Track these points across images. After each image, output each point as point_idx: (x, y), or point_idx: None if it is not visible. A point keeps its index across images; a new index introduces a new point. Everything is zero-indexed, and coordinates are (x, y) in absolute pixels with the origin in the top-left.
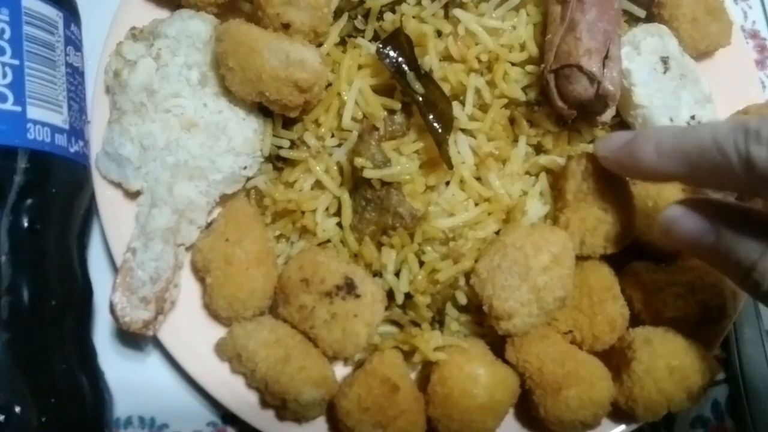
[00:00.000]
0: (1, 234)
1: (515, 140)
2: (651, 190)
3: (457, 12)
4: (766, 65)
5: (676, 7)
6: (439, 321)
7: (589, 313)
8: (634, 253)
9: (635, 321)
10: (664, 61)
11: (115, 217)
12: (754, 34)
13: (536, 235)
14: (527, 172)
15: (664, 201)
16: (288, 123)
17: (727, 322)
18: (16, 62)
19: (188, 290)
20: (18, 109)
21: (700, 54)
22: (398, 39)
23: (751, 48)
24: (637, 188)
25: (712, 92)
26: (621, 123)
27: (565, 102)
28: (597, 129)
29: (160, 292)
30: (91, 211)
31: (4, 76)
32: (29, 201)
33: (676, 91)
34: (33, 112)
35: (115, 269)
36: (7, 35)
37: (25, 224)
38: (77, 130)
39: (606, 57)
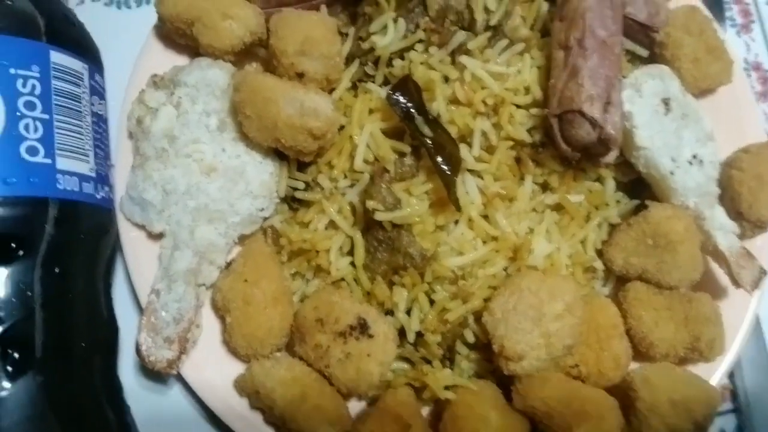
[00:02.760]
0: (34, 283)
1: (522, 178)
2: None
3: (463, 59)
4: (750, 29)
5: (677, 47)
6: (449, 358)
7: (596, 349)
8: None
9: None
10: (666, 102)
11: (139, 257)
12: (756, 67)
13: (551, 282)
14: (534, 209)
15: None
16: (302, 165)
17: (714, 357)
18: (45, 116)
19: (209, 327)
20: (48, 161)
21: (702, 92)
22: (407, 85)
23: (754, 80)
24: None
25: (713, 129)
26: (625, 161)
27: (568, 145)
28: (601, 168)
29: (183, 332)
30: (115, 250)
31: (35, 130)
32: (60, 249)
33: (678, 131)
34: (62, 163)
35: (139, 305)
36: (37, 91)
37: (56, 271)
38: (103, 176)
39: (608, 102)
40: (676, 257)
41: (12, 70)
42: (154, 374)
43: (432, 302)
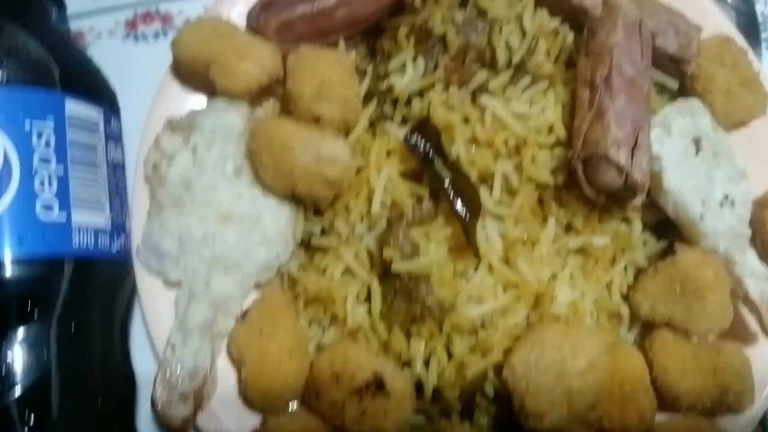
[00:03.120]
0: (50, 342)
1: (544, 220)
2: None
3: (484, 99)
4: None
5: (709, 80)
6: (468, 411)
7: (620, 402)
8: None
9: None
10: (696, 142)
11: (157, 304)
12: None
13: (574, 336)
14: (557, 253)
15: None
16: (319, 209)
17: (743, 410)
18: (61, 170)
19: (226, 375)
20: (64, 218)
21: (734, 125)
22: (426, 128)
23: None
24: None
25: (746, 165)
26: (653, 202)
27: (594, 189)
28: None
29: (198, 388)
30: (133, 298)
31: (50, 185)
32: (75, 306)
33: (709, 172)
34: (78, 218)
35: (156, 353)
36: (52, 143)
37: (72, 328)
38: (119, 226)
39: (635, 146)
40: (705, 305)
41: (27, 124)
42: None
43: (450, 354)
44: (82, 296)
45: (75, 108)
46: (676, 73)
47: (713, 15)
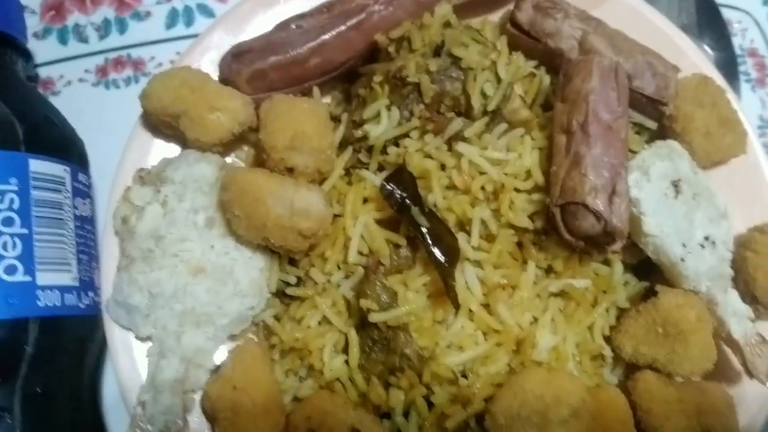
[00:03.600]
0: (14, 406)
1: (524, 262)
2: None
3: (460, 146)
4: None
5: (688, 121)
6: None
7: None
8: None
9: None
10: (675, 185)
11: (127, 359)
12: (752, 53)
13: (556, 383)
14: (537, 296)
15: None
16: (294, 258)
17: None
18: (24, 231)
19: (200, 430)
20: (28, 279)
21: (714, 164)
22: (401, 176)
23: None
24: None
25: (726, 205)
26: (633, 243)
27: (572, 235)
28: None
29: None
30: (103, 351)
31: (14, 247)
32: (41, 368)
33: (689, 214)
34: (43, 279)
35: (128, 408)
36: (15, 205)
37: (38, 391)
38: (87, 282)
39: (613, 193)
40: (688, 347)
41: None
42: None
43: (431, 405)
44: (49, 356)
45: (40, 167)
46: (654, 114)
47: (690, 53)
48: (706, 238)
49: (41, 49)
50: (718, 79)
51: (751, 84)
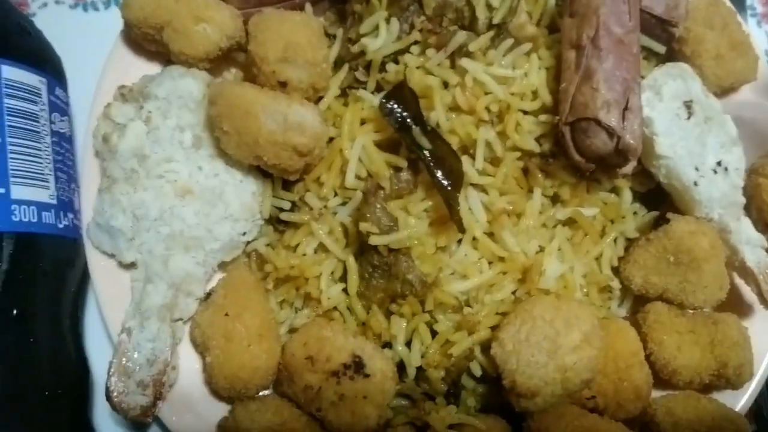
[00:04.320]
0: None
1: (530, 191)
2: None
3: (464, 62)
4: None
5: (698, 43)
6: (454, 393)
7: (614, 379)
8: None
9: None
10: (688, 106)
11: (111, 288)
12: None
13: (566, 309)
14: (544, 225)
15: None
16: (288, 182)
17: (743, 384)
18: None
19: (190, 364)
20: (1, 191)
21: (724, 90)
22: (402, 93)
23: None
24: None
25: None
26: (643, 170)
27: (582, 156)
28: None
29: (158, 375)
30: (84, 282)
31: None
32: (17, 288)
33: (701, 137)
34: (18, 192)
35: (111, 339)
36: None
37: (14, 313)
38: (66, 203)
39: (626, 108)
40: (701, 275)
41: None
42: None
43: (434, 333)
44: (25, 277)
45: (14, 74)
46: (663, 37)
47: None
48: (719, 164)
49: None
50: (728, 2)
51: (756, 19)
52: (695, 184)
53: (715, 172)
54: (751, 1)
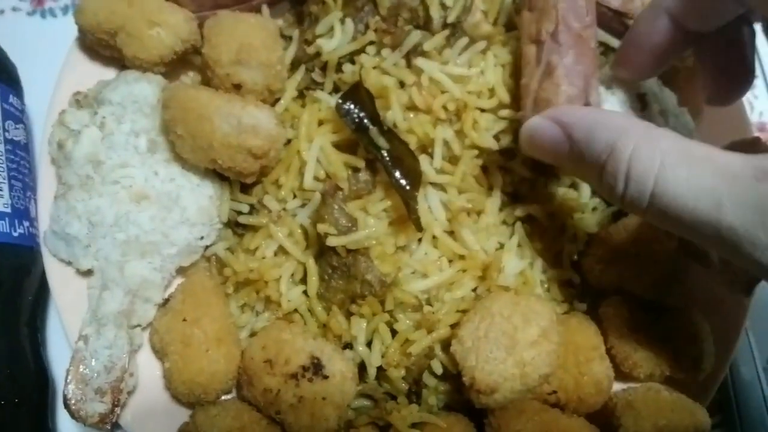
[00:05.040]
0: None
1: (490, 188)
2: None
3: (419, 61)
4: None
5: None
6: (416, 392)
7: (575, 373)
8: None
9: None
10: (641, 98)
11: (69, 296)
12: (762, 128)
13: (524, 305)
14: (503, 222)
15: None
16: (246, 185)
17: (703, 376)
18: None
19: (150, 370)
20: None
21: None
22: (358, 93)
23: None
24: None
25: (694, 125)
26: None
27: None
28: None
29: (116, 382)
30: (42, 290)
31: None
32: None
33: None
34: None
35: (71, 346)
36: None
37: None
38: (21, 211)
39: (586, 103)
40: (660, 268)
41: None
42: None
43: (394, 333)
44: None
45: None
46: (619, 31)
47: None
48: None
49: None
50: None
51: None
52: None
53: None
54: None
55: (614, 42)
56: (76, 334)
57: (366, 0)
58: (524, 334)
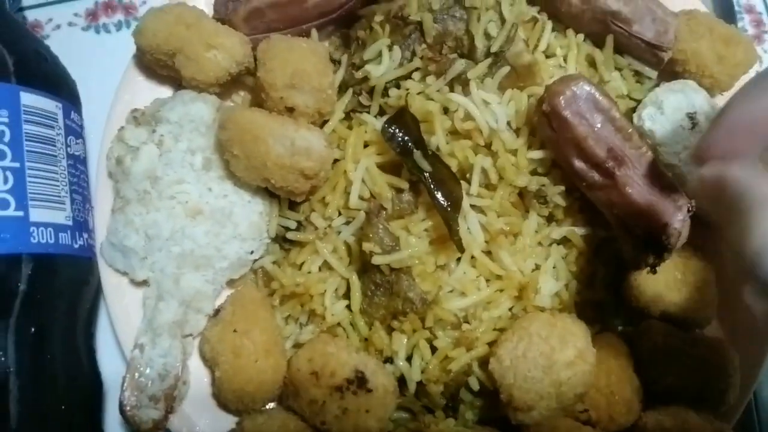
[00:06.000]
0: (8, 346)
1: (526, 210)
2: None
3: (455, 96)
4: (763, 40)
5: (698, 56)
6: (452, 407)
7: (606, 393)
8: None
9: None
10: (691, 117)
11: (123, 305)
12: (749, 9)
13: (561, 326)
14: (539, 243)
15: None
16: (294, 202)
17: (726, 407)
18: (16, 165)
19: (199, 377)
20: (20, 214)
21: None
22: (403, 118)
23: (747, 23)
24: None
25: None
26: None
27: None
28: None
29: (170, 390)
30: (98, 298)
31: (6, 181)
32: (35, 307)
33: None
34: (36, 215)
35: (123, 354)
36: (6, 137)
37: (32, 331)
38: (81, 223)
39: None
40: (704, 294)
41: None
42: None
43: (434, 349)
44: (43, 296)
45: (31, 101)
46: (653, 62)
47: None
48: None
49: None
50: (701, 7)
51: None
52: None
53: None
54: (742, 23)
55: (650, 72)
56: (127, 342)
57: (413, 28)
58: (561, 354)
